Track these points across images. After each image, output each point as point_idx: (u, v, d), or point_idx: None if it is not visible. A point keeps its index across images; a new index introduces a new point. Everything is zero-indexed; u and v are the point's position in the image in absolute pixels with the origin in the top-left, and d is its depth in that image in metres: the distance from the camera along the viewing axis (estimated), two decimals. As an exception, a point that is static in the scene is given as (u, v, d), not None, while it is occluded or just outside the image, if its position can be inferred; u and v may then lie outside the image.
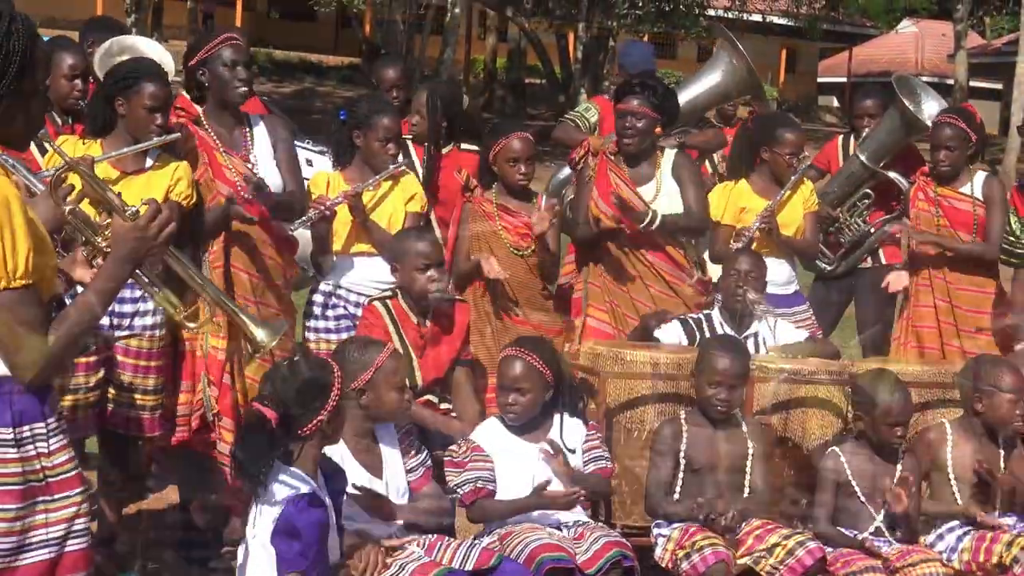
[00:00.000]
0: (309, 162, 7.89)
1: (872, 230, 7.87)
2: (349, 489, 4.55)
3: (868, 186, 7.85)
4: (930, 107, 7.83)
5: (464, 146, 7.08)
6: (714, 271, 6.83)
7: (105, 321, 5.23)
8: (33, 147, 5.07)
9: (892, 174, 7.72)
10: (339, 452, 4.59)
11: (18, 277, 3.01)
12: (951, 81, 32.26)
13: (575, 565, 4.78)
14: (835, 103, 48.04)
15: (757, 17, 40.43)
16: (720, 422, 5.39)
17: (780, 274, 6.84)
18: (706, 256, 7.05)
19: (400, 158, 6.33)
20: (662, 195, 6.58)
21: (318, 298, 6.19)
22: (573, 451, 5.19)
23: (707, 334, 6.09)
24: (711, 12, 33.73)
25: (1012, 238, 6.60)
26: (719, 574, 4.99)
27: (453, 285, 6.30)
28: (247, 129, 5.88)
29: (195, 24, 30.63)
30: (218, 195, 5.62)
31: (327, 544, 4.05)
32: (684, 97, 8.07)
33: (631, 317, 6.52)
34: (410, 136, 6.89)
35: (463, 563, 4.59)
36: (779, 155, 6.88)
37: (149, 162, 5.42)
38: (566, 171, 8.11)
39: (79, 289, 3.62)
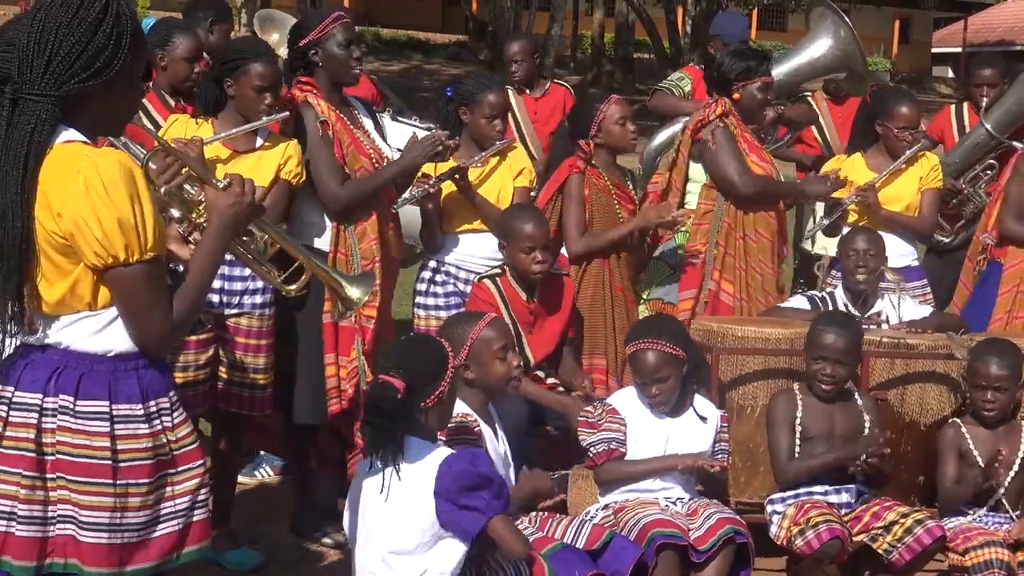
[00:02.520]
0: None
1: (993, 202, 7.71)
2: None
3: (992, 156, 7.67)
4: None
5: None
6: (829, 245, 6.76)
7: (215, 299, 5.29)
8: (147, 123, 5.13)
9: (1018, 144, 7.57)
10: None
11: (149, 249, 3.08)
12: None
13: (687, 542, 4.75)
14: (950, 74, 47.21)
15: (869, -13, 39.89)
16: (833, 396, 5.32)
17: (891, 247, 6.62)
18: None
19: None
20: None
21: (426, 275, 6.19)
22: (705, 419, 5.16)
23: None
24: (822, -18, 33.32)
25: None
26: (833, 551, 4.92)
27: (570, 261, 6.29)
28: (354, 109, 5.90)
29: (303, 4, 30.84)
30: (363, 168, 5.65)
31: None
32: (786, 68, 7.96)
33: (755, 289, 6.47)
34: None
35: (575, 539, 4.57)
36: (891, 129, 6.76)
37: (260, 141, 5.45)
38: (658, 139, 8.03)
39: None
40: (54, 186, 3.02)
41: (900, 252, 6.78)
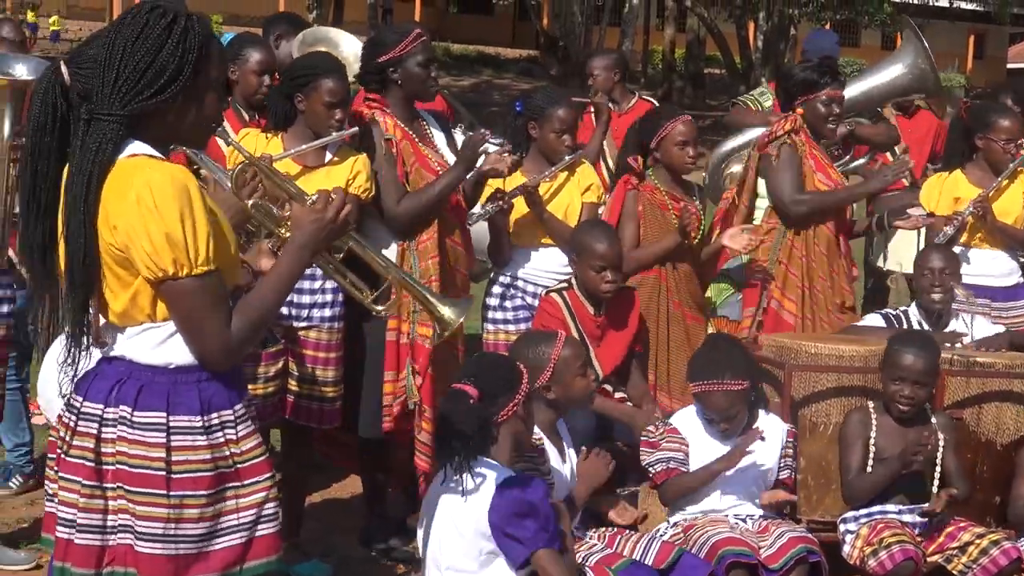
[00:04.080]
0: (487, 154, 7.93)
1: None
2: None
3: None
4: None
5: None
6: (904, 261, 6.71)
7: (284, 311, 5.29)
8: (219, 140, 5.15)
9: None
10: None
11: (200, 264, 3.06)
12: None
13: (758, 560, 4.71)
14: (1025, 89, 46.61)
15: (944, 2, 39.55)
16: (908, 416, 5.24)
17: (998, 266, 6.68)
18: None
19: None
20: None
21: (496, 290, 6.17)
22: (764, 439, 5.08)
23: None
24: (895, -2, 33.08)
25: None
26: (907, 572, 4.86)
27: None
28: (424, 122, 5.90)
29: (375, 19, 31.04)
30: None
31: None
32: (861, 88, 7.89)
33: (819, 308, 6.37)
34: None
35: (643, 556, 4.56)
36: (994, 142, 6.70)
37: (329, 156, 5.46)
38: (725, 147, 7.97)
39: None
40: (112, 199, 3.04)
41: (1007, 270, 6.76)
